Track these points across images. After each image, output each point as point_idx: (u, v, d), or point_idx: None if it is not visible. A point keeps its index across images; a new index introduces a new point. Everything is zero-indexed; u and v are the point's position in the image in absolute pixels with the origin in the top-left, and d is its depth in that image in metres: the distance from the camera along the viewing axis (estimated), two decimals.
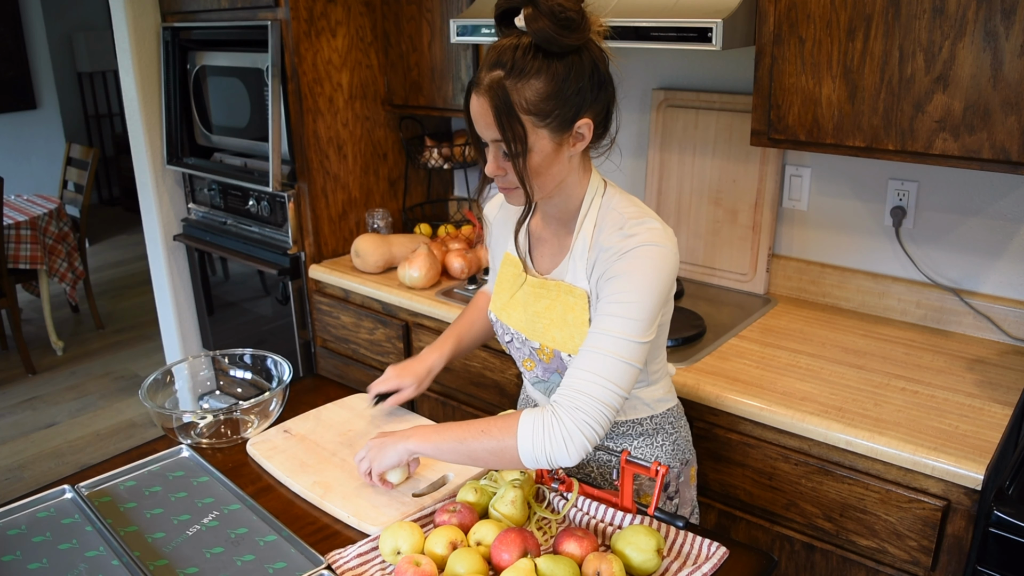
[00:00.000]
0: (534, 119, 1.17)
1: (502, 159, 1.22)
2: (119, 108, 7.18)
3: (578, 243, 1.30)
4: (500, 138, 1.18)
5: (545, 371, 1.40)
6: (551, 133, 1.19)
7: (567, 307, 1.31)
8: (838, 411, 1.57)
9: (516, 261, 1.40)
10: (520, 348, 1.41)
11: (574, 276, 1.30)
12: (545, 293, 1.34)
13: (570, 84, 1.17)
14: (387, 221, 2.61)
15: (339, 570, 1.20)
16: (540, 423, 1.17)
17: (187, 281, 3.12)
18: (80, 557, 1.25)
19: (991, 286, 1.87)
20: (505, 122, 1.15)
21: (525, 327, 1.38)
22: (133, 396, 3.94)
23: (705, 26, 1.64)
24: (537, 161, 1.20)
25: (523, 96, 1.15)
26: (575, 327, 1.29)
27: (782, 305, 2.10)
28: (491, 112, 1.16)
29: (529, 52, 1.15)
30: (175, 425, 1.56)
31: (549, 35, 1.13)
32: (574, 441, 1.16)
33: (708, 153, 2.20)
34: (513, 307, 1.40)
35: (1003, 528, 1.27)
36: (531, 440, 1.17)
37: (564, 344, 1.31)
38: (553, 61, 1.15)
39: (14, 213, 4.20)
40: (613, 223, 1.27)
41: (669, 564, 1.20)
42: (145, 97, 2.85)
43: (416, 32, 2.43)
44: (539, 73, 1.15)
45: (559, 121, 1.18)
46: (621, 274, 1.21)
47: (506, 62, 1.15)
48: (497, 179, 1.25)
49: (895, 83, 1.59)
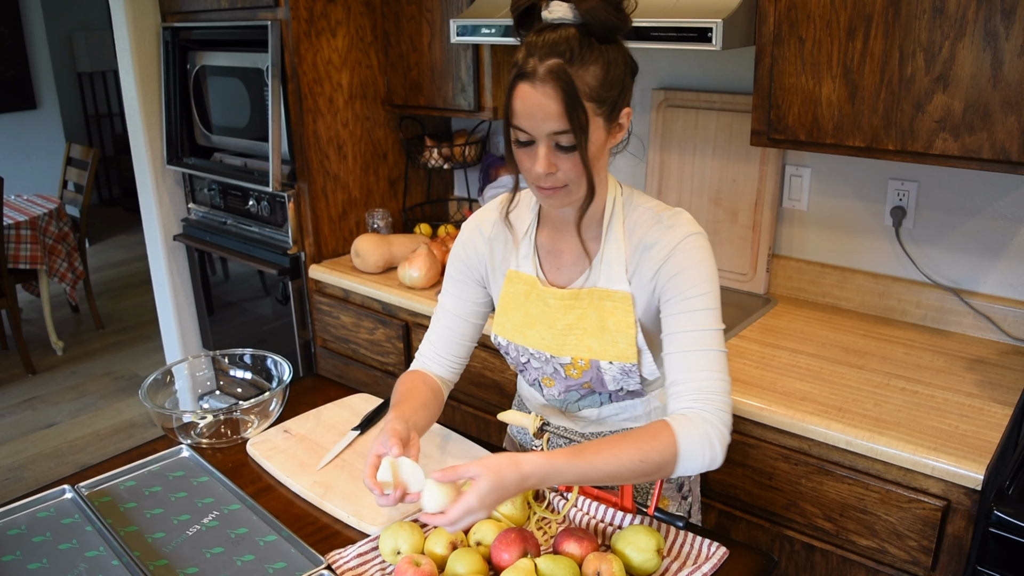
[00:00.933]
0: (595, 106, 1.13)
1: (554, 154, 1.15)
2: (119, 108, 7.18)
3: (610, 245, 1.26)
4: (563, 128, 1.12)
5: (567, 389, 1.35)
6: (604, 122, 1.16)
7: (605, 313, 1.27)
8: (838, 411, 1.57)
9: (526, 278, 1.33)
10: (540, 367, 1.35)
11: (609, 280, 1.27)
12: (576, 304, 1.29)
13: (619, 70, 1.15)
14: (387, 221, 2.61)
15: (339, 570, 1.20)
16: (702, 435, 1.15)
17: (187, 281, 3.12)
18: (80, 557, 1.25)
19: (991, 286, 1.87)
20: (572, 110, 1.10)
21: (550, 344, 1.31)
22: (133, 396, 3.94)
23: (705, 26, 1.64)
24: (593, 152, 1.16)
25: (585, 82, 1.11)
26: (617, 332, 1.26)
27: (782, 305, 2.10)
28: (560, 100, 1.10)
29: (583, 39, 1.12)
30: (175, 425, 1.56)
31: (601, 15, 1.11)
32: (724, 442, 1.18)
33: (708, 153, 2.20)
34: (530, 325, 1.33)
35: (1003, 528, 1.27)
36: (692, 454, 1.15)
37: (604, 352, 1.28)
38: (603, 46, 1.14)
39: (14, 213, 4.20)
40: (646, 220, 1.26)
41: (669, 564, 1.20)
42: (145, 97, 2.85)
43: (416, 32, 2.43)
44: (596, 59, 1.12)
45: (610, 108, 1.16)
46: (684, 269, 1.21)
47: (563, 51, 1.10)
48: (546, 179, 1.17)
49: (895, 83, 1.59)
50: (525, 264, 1.33)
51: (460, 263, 1.41)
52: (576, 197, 1.20)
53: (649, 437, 1.14)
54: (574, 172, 1.16)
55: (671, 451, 1.14)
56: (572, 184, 1.18)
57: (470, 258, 1.39)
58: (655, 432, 1.15)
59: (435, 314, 1.45)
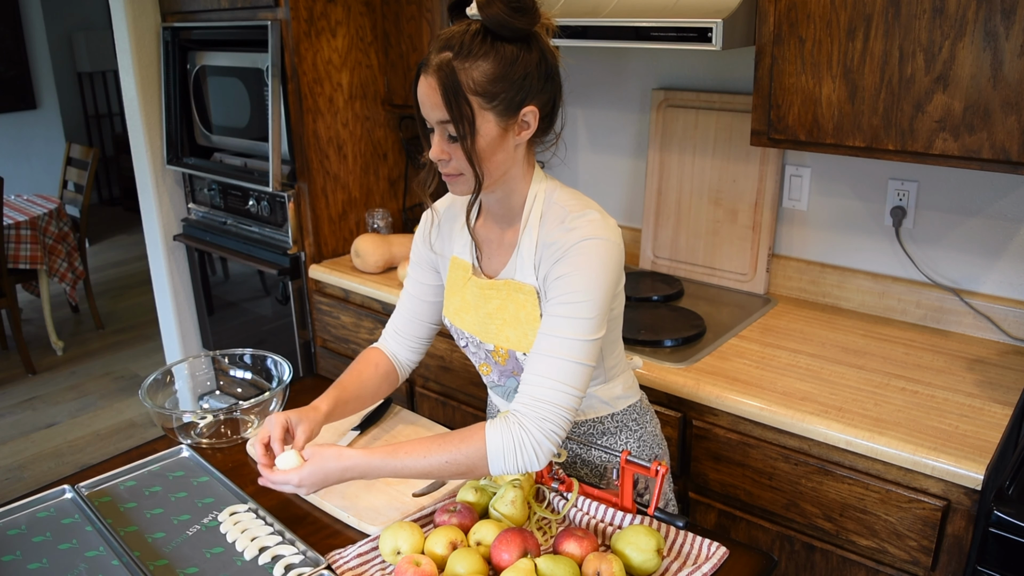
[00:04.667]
0: (481, 100, 1.18)
1: (447, 143, 1.21)
2: (119, 108, 7.18)
3: (524, 239, 1.30)
4: (447, 119, 1.18)
5: (501, 375, 1.39)
6: (497, 117, 1.19)
7: (518, 305, 1.30)
8: (838, 411, 1.57)
9: (464, 264, 1.38)
10: (476, 352, 1.40)
11: (523, 273, 1.30)
12: (495, 294, 1.33)
13: (517, 68, 1.18)
14: (387, 221, 2.61)
15: (339, 570, 1.20)
16: (510, 438, 1.18)
17: (187, 281, 3.12)
18: (80, 557, 1.25)
19: (991, 286, 1.87)
20: (452, 101, 1.16)
21: (478, 330, 1.36)
22: (133, 396, 3.94)
23: (705, 26, 1.64)
24: (483, 145, 1.20)
25: (471, 76, 1.16)
26: (528, 324, 1.29)
27: (782, 305, 2.10)
28: (439, 92, 1.17)
29: (478, 35, 1.17)
30: (175, 425, 1.56)
31: (501, 18, 1.15)
32: (543, 449, 1.19)
33: (708, 153, 2.20)
34: (465, 310, 1.38)
35: (1003, 528, 1.27)
36: (503, 456, 1.18)
37: (518, 343, 1.31)
38: (501, 44, 1.18)
39: (14, 213, 4.20)
40: (556, 217, 1.27)
41: (669, 564, 1.20)
42: (145, 97, 2.85)
43: (416, 32, 2.43)
44: (487, 55, 1.17)
45: (505, 105, 1.19)
46: (567, 273, 1.21)
47: (455, 44, 1.17)
48: (441, 164, 1.24)
49: (895, 83, 1.59)
50: (464, 251, 1.39)
51: (417, 248, 1.48)
52: (472, 186, 1.24)
53: (460, 440, 1.20)
54: (463, 162, 1.22)
55: (479, 454, 1.19)
56: (466, 173, 1.23)
57: (423, 244, 1.47)
58: (468, 435, 1.21)
59: (400, 297, 1.53)
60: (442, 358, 2.25)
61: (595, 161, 2.48)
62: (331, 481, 1.23)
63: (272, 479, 1.24)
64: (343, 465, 1.22)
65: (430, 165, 1.30)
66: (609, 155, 2.45)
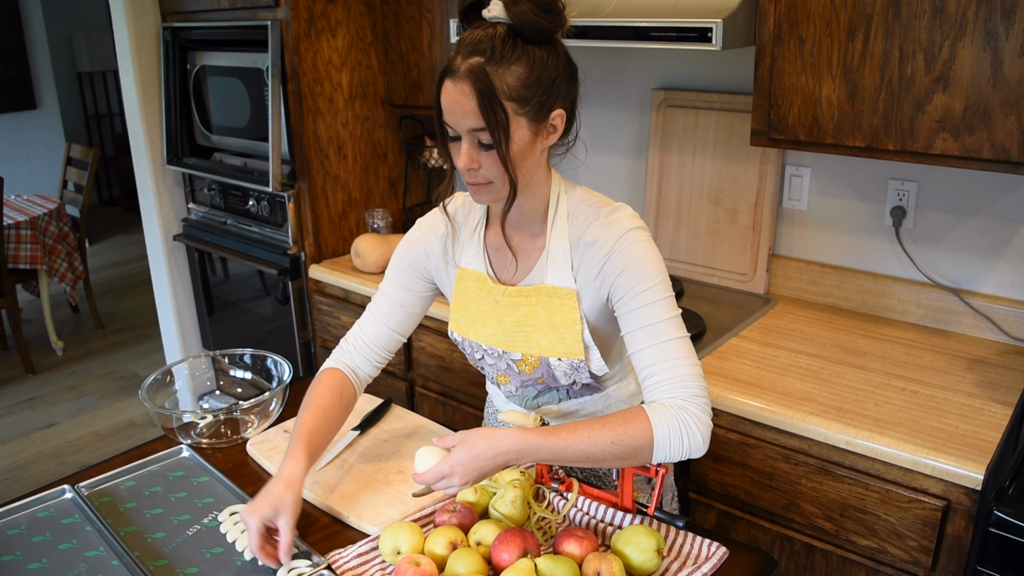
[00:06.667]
0: (515, 105, 1.15)
1: (476, 151, 1.17)
2: (119, 108, 7.18)
3: (554, 242, 1.28)
4: (480, 126, 1.14)
5: (521, 385, 1.37)
6: (529, 122, 1.17)
7: (552, 310, 1.28)
8: (838, 411, 1.57)
9: (476, 275, 1.34)
10: (494, 364, 1.37)
11: (555, 277, 1.27)
12: (524, 301, 1.30)
13: (548, 71, 1.16)
14: (387, 221, 2.61)
15: (339, 570, 1.20)
16: (675, 421, 1.16)
17: (187, 281, 3.12)
18: (80, 557, 1.25)
19: (991, 286, 1.87)
20: (488, 108, 1.12)
21: (501, 340, 1.33)
22: (133, 396, 3.94)
23: (705, 26, 1.64)
24: (515, 151, 1.17)
25: (505, 81, 1.13)
26: (564, 328, 1.28)
27: (782, 305, 2.10)
28: (474, 98, 1.13)
29: (508, 39, 1.14)
30: (175, 425, 1.56)
31: (529, 18, 1.13)
32: (706, 427, 1.17)
33: (708, 153, 2.20)
34: (482, 322, 1.34)
35: (1003, 528, 1.27)
36: (669, 441, 1.16)
37: (552, 349, 1.29)
38: (531, 47, 1.15)
39: (14, 213, 4.20)
40: (587, 216, 1.26)
41: (669, 564, 1.20)
42: (145, 97, 2.85)
43: (416, 32, 2.43)
44: (519, 59, 1.14)
45: (537, 109, 1.17)
46: (627, 266, 1.21)
47: (485, 49, 1.13)
48: (469, 174, 1.20)
49: (895, 83, 1.59)
50: (475, 261, 1.35)
51: (408, 255, 1.42)
52: (502, 194, 1.22)
53: (623, 421, 1.17)
54: (496, 169, 1.18)
55: (645, 436, 1.16)
56: (496, 181, 1.20)
57: (419, 253, 1.41)
58: (630, 416, 1.17)
59: (372, 302, 1.46)
60: (442, 358, 2.25)
61: (595, 161, 2.48)
62: (485, 465, 1.14)
63: (424, 479, 1.16)
64: (497, 447, 1.14)
65: (449, 175, 1.28)
66: (609, 155, 2.45)
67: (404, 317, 1.44)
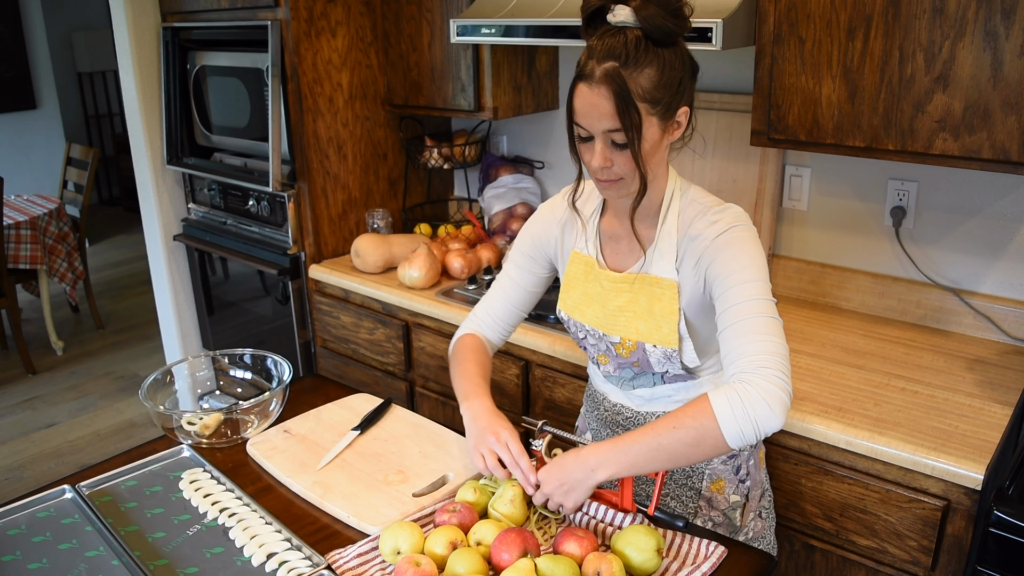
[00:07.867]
0: (648, 106, 1.20)
1: (609, 150, 1.23)
2: (119, 108, 7.18)
3: (663, 235, 1.33)
4: (616, 127, 1.20)
5: (619, 367, 1.42)
6: (659, 120, 1.23)
7: (652, 299, 1.33)
8: (838, 411, 1.57)
9: (586, 259, 1.42)
10: (596, 344, 1.43)
11: (659, 268, 1.33)
12: (627, 288, 1.36)
13: (675, 72, 1.21)
14: (387, 221, 2.61)
15: (339, 570, 1.20)
16: (734, 394, 1.15)
17: (187, 281, 3.12)
18: (80, 557, 1.25)
19: (991, 286, 1.87)
20: (624, 110, 1.18)
21: (603, 323, 1.40)
22: (133, 396, 3.94)
23: (705, 26, 1.64)
24: (646, 149, 1.23)
25: (639, 84, 1.18)
26: (662, 317, 1.33)
27: (782, 305, 2.10)
28: (611, 101, 1.18)
29: (640, 43, 1.18)
30: (175, 425, 1.56)
31: (658, 21, 1.17)
32: (773, 397, 1.15)
33: (708, 153, 2.20)
34: (587, 304, 1.42)
35: (1003, 528, 1.28)
36: (732, 414, 1.14)
37: (649, 335, 1.34)
38: (661, 50, 1.20)
39: (14, 213, 4.20)
40: (695, 212, 1.31)
41: (669, 564, 1.20)
42: (145, 97, 2.85)
43: (416, 32, 2.43)
44: (651, 62, 1.19)
45: (666, 108, 1.22)
46: (725, 250, 1.25)
47: (619, 54, 1.17)
48: (602, 172, 1.26)
49: (895, 83, 1.59)
50: (588, 247, 1.43)
51: (531, 239, 1.52)
52: (632, 189, 1.28)
53: (685, 406, 1.20)
54: (628, 167, 1.24)
55: (705, 414, 1.16)
56: (627, 178, 1.26)
57: (541, 236, 1.50)
58: (692, 401, 1.20)
59: (497, 281, 1.57)
60: (442, 358, 2.25)
61: None
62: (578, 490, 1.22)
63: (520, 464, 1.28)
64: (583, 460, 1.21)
65: (579, 175, 1.35)
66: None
67: (526, 296, 1.55)
